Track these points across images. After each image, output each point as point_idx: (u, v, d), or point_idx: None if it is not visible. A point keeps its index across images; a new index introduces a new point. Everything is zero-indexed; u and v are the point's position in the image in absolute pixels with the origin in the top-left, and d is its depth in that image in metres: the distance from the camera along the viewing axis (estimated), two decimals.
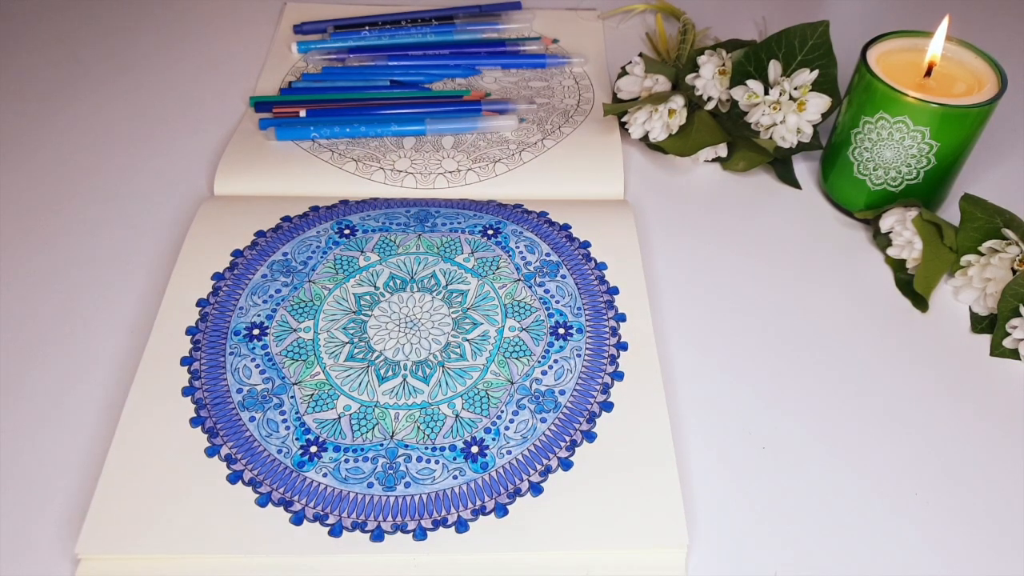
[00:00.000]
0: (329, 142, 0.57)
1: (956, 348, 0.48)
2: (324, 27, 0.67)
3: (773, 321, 0.49)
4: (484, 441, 0.41)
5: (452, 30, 0.67)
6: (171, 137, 0.59)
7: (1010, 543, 0.39)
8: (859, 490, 0.41)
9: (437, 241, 0.50)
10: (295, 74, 0.63)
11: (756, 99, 0.55)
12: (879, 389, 0.45)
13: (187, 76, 0.64)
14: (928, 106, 0.48)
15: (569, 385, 0.43)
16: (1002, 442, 0.43)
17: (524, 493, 0.39)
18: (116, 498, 0.38)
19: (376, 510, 0.38)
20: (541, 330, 0.46)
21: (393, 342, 0.45)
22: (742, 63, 0.56)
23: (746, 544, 0.39)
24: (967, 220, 0.49)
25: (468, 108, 0.59)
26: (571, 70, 0.65)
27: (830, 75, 0.55)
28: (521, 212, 0.52)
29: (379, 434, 0.41)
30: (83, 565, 0.36)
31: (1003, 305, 0.47)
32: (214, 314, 0.46)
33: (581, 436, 0.41)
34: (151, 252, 0.51)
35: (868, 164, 0.52)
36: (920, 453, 0.43)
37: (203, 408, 0.41)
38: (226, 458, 0.40)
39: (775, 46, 0.55)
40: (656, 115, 0.55)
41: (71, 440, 0.41)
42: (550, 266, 0.49)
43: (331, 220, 0.51)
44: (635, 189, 0.56)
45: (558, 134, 0.58)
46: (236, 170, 0.55)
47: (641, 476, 0.39)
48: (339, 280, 0.48)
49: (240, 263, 0.48)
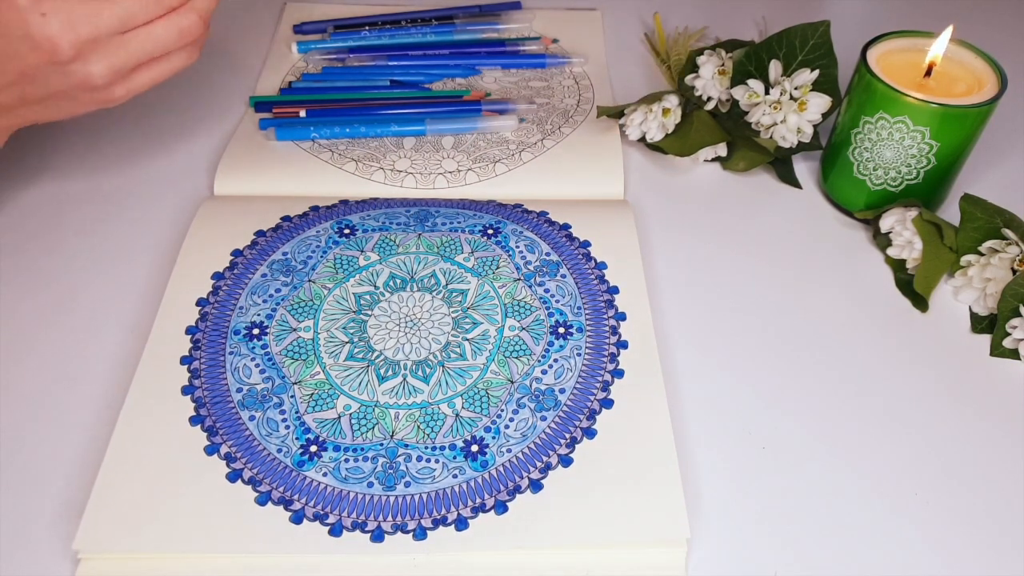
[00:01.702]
0: (329, 142, 0.57)
1: (956, 348, 0.48)
2: (324, 27, 0.67)
3: (773, 321, 0.49)
4: (484, 440, 0.41)
5: (452, 30, 0.67)
6: (171, 137, 0.59)
7: (1010, 543, 0.39)
8: (859, 490, 0.41)
9: (437, 241, 0.50)
10: (295, 74, 0.64)
11: (757, 99, 0.55)
12: (879, 389, 0.45)
13: (187, 76, 0.64)
14: (928, 106, 0.48)
15: (569, 384, 0.43)
16: (1002, 442, 0.43)
17: (524, 490, 0.39)
18: (115, 496, 0.38)
19: (376, 510, 0.38)
20: (541, 329, 0.46)
21: (393, 342, 0.45)
22: (743, 63, 0.56)
23: (746, 543, 0.39)
24: (967, 220, 0.49)
25: (468, 108, 0.59)
26: (571, 70, 0.65)
27: (831, 75, 0.55)
28: (521, 212, 0.52)
29: (379, 434, 0.41)
30: (83, 565, 0.36)
31: (1003, 305, 0.47)
32: (214, 313, 0.46)
33: (581, 433, 0.41)
34: (151, 252, 0.51)
35: (868, 164, 0.52)
36: (920, 453, 0.43)
37: (203, 407, 0.41)
38: (226, 457, 0.40)
39: (776, 46, 0.55)
40: (651, 115, 0.55)
41: (71, 438, 0.41)
42: (550, 265, 0.49)
43: (331, 220, 0.51)
44: (635, 189, 0.56)
45: (558, 134, 0.58)
46: (236, 170, 0.55)
47: (642, 472, 0.39)
48: (339, 280, 0.48)
49: (240, 263, 0.48)
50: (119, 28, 0.40)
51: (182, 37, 0.42)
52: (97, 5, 0.39)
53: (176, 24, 0.41)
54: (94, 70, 0.41)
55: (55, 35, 0.39)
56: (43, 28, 0.38)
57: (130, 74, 0.43)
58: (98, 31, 0.39)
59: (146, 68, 0.43)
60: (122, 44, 0.41)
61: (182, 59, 0.44)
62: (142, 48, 0.41)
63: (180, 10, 0.42)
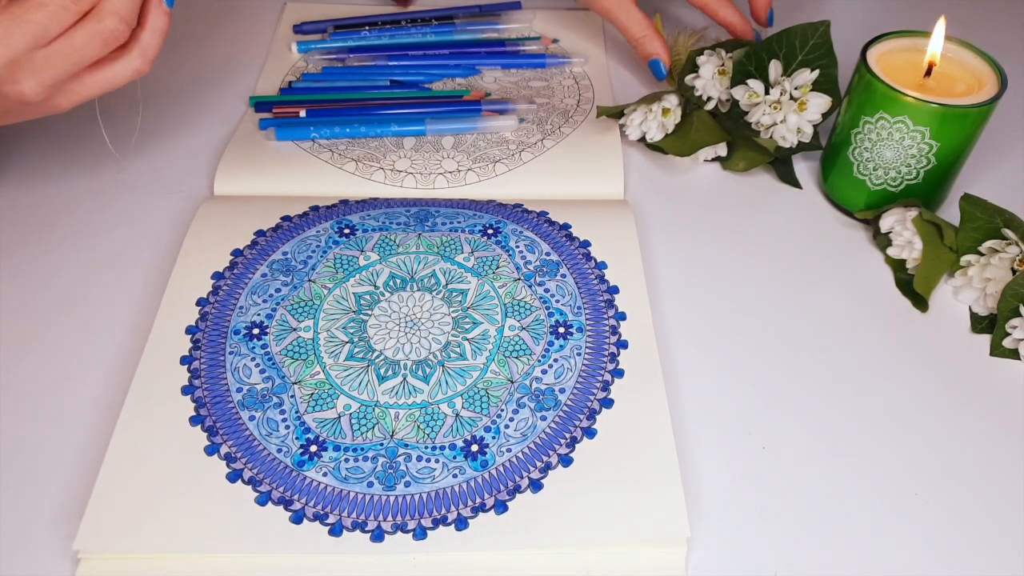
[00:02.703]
0: (329, 142, 0.57)
1: (956, 348, 0.48)
2: (324, 27, 0.67)
3: (773, 321, 0.49)
4: (484, 440, 0.41)
5: (452, 30, 0.67)
6: (171, 137, 0.59)
7: (1010, 543, 0.39)
8: (859, 490, 0.41)
9: (437, 240, 0.50)
10: (295, 74, 0.64)
11: (757, 99, 0.55)
12: (879, 389, 0.45)
13: (187, 76, 0.64)
14: (928, 106, 0.48)
15: (569, 383, 0.43)
16: (1002, 442, 0.43)
17: (524, 490, 0.39)
18: (115, 495, 0.38)
19: (376, 509, 0.38)
20: (541, 329, 0.46)
21: (393, 341, 0.45)
22: (743, 63, 0.56)
23: (746, 543, 0.39)
24: (967, 220, 0.49)
25: (468, 108, 0.59)
26: (571, 70, 0.65)
27: (831, 75, 0.55)
28: (521, 212, 0.52)
29: (379, 433, 0.41)
30: (83, 565, 0.36)
31: (1003, 305, 0.47)
32: (214, 313, 0.46)
33: (581, 433, 0.41)
34: (151, 252, 0.51)
35: (868, 164, 0.52)
36: (920, 453, 0.43)
37: (203, 407, 0.41)
38: (226, 457, 0.40)
39: (776, 46, 0.55)
40: (651, 115, 0.55)
41: (71, 438, 0.41)
42: (550, 265, 0.49)
43: (331, 220, 0.51)
44: (635, 189, 0.56)
45: (558, 134, 0.58)
46: (236, 170, 0.55)
47: (642, 472, 0.39)
48: (339, 279, 0.48)
49: (240, 262, 0.48)
50: (34, 44, 0.39)
51: (106, 43, 0.41)
52: (7, 26, 0.39)
53: (94, 30, 0.41)
54: (25, 88, 0.41)
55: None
56: None
57: (67, 85, 0.42)
58: (13, 52, 0.39)
59: (87, 76, 0.43)
60: (46, 59, 0.40)
61: (127, 70, 0.43)
62: (67, 59, 0.41)
63: (95, 15, 0.41)
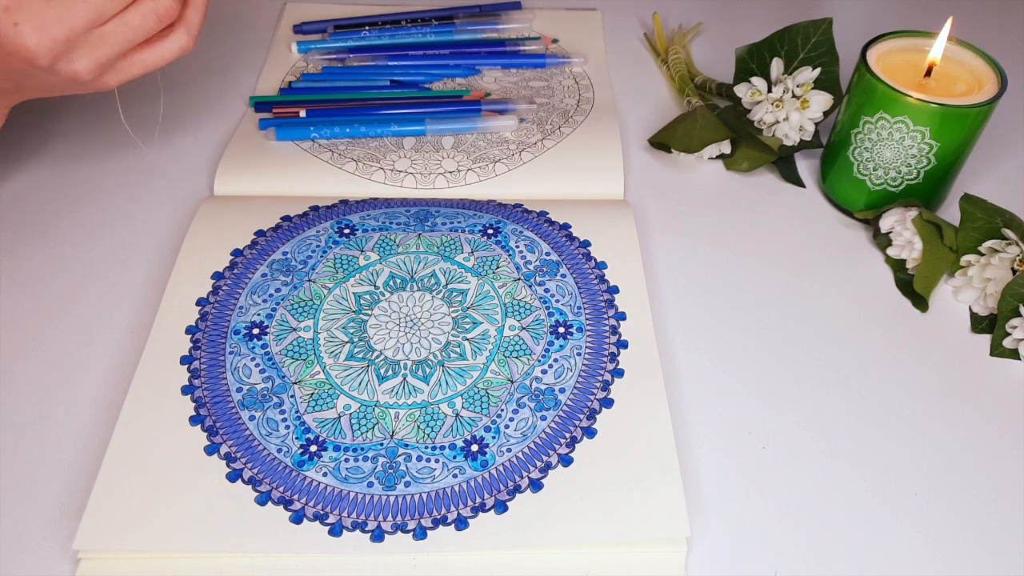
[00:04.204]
0: (329, 142, 0.57)
1: (956, 348, 0.48)
2: (324, 27, 0.67)
3: (773, 320, 0.49)
4: (484, 440, 0.41)
5: (452, 30, 0.67)
6: (171, 137, 0.59)
7: (1010, 543, 0.39)
8: (859, 489, 0.41)
9: (437, 240, 0.50)
10: (295, 74, 0.64)
11: (759, 96, 0.55)
12: (879, 389, 0.45)
13: (187, 76, 0.64)
14: (928, 106, 0.48)
15: (569, 383, 0.43)
16: (1002, 442, 0.43)
17: (524, 490, 0.39)
18: (115, 495, 0.38)
19: (376, 509, 0.38)
20: (541, 329, 0.46)
21: (393, 341, 0.45)
22: (745, 60, 0.56)
23: (746, 543, 0.39)
24: (967, 220, 0.49)
25: (468, 108, 0.59)
26: (571, 70, 0.65)
27: (832, 73, 0.55)
28: (521, 212, 0.52)
29: (379, 433, 0.41)
30: (83, 565, 0.36)
31: (1003, 305, 0.47)
32: (214, 313, 0.46)
33: (581, 432, 0.41)
34: (151, 252, 0.51)
35: (868, 164, 0.52)
36: (920, 453, 0.43)
37: (203, 407, 0.41)
38: (225, 456, 0.40)
39: (778, 43, 0.55)
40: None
41: (71, 438, 0.41)
42: (550, 265, 0.49)
43: (331, 220, 0.51)
44: (635, 188, 0.56)
45: (558, 134, 0.58)
46: (236, 170, 0.55)
47: (642, 471, 0.39)
48: (339, 279, 0.48)
49: (240, 262, 0.48)
50: (93, 23, 0.40)
51: (160, 20, 0.42)
52: (67, 5, 0.39)
53: (149, 8, 0.41)
54: (78, 67, 0.41)
55: (30, 44, 0.39)
56: (18, 39, 0.39)
57: (117, 63, 0.43)
58: (72, 31, 0.39)
59: (136, 55, 0.43)
60: (101, 37, 0.41)
61: (174, 47, 0.44)
62: (122, 38, 0.41)
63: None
